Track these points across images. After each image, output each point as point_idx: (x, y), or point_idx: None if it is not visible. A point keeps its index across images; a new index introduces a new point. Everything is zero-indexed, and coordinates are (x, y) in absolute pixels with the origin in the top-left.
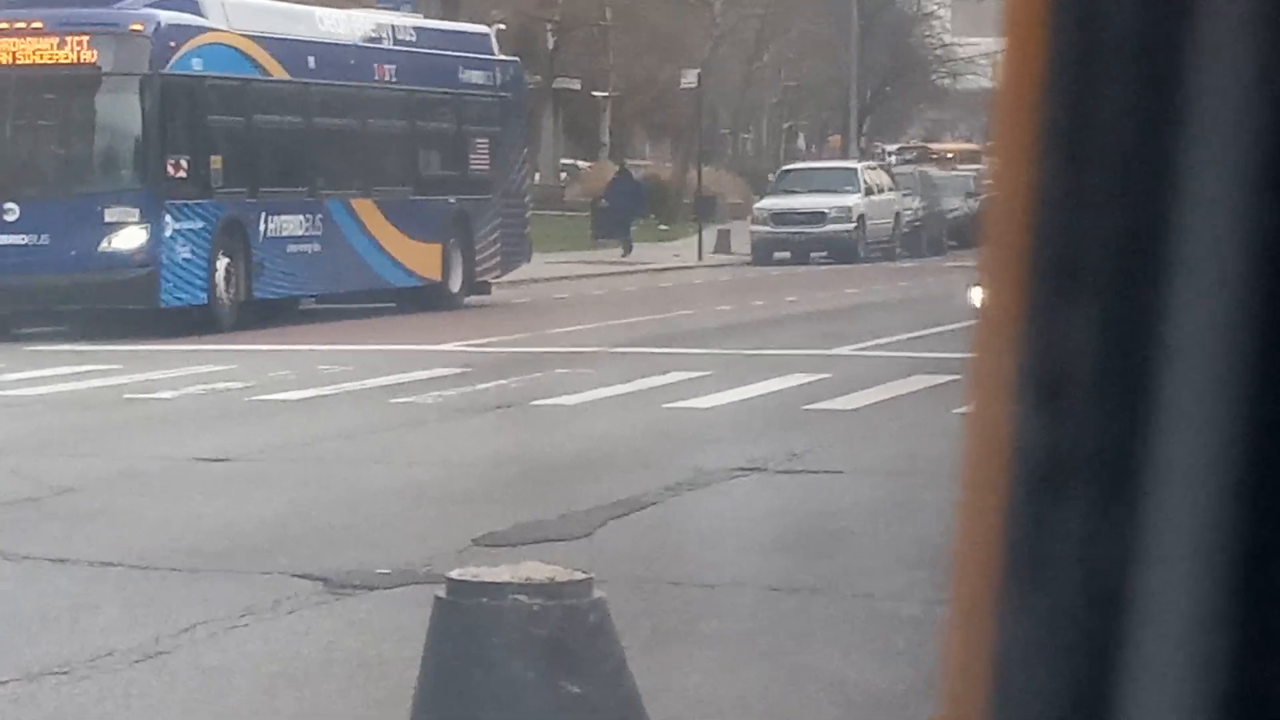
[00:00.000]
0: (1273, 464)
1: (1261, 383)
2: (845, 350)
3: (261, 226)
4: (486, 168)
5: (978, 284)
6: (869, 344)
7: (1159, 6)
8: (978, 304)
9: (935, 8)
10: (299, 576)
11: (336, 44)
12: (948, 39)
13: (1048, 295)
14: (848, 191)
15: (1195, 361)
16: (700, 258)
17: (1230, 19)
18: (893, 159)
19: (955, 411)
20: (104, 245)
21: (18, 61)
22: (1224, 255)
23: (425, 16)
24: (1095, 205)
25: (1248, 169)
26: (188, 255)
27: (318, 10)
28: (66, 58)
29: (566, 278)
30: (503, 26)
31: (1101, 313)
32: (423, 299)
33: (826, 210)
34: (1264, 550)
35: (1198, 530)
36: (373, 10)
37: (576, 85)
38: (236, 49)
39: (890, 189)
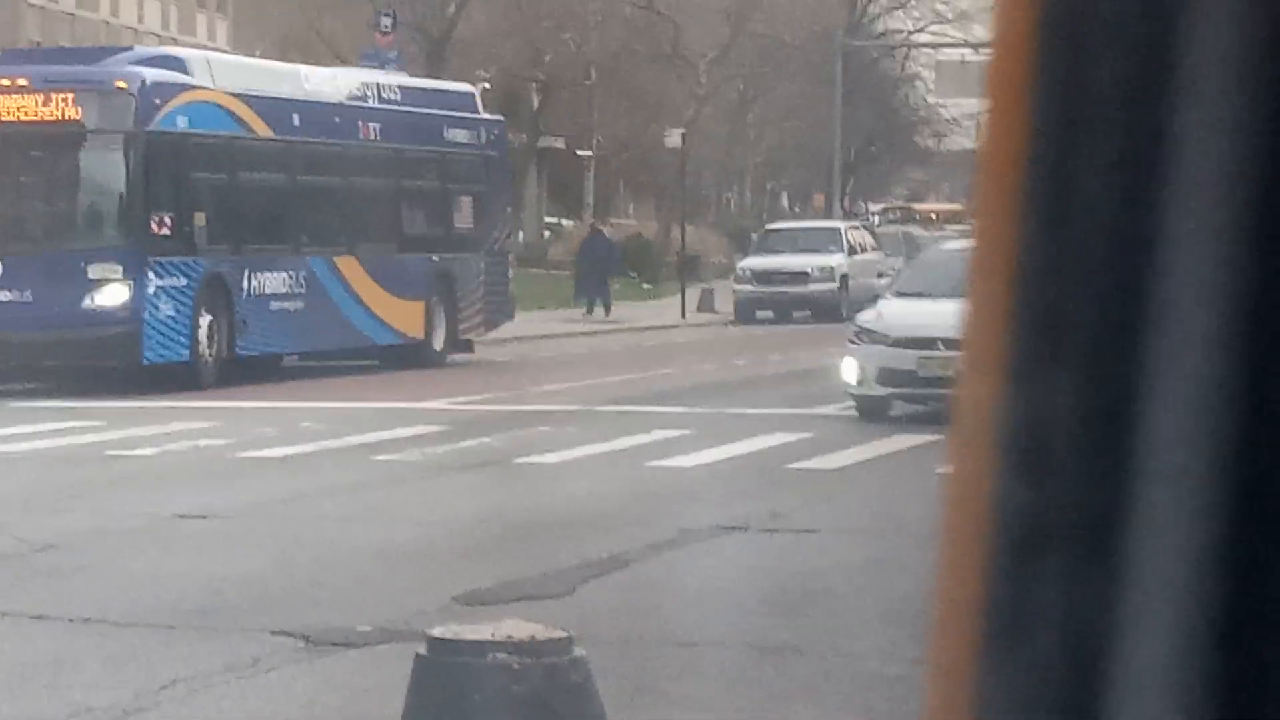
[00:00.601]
0: (1252, 530)
1: (1241, 448)
2: (827, 410)
3: (245, 284)
4: (470, 226)
5: (848, 356)
6: (851, 404)
7: (1140, 73)
8: (850, 381)
9: (919, 69)
10: (280, 634)
11: (321, 102)
12: (931, 100)
13: (1029, 358)
14: (831, 251)
15: (1176, 426)
16: (683, 316)
17: (1211, 87)
18: (876, 219)
19: (936, 471)
20: (87, 302)
21: (3, 118)
22: (1204, 320)
23: (410, 75)
24: (1076, 269)
25: (1228, 234)
26: (171, 312)
27: (303, 69)
28: (51, 115)
29: (550, 336)
30: (487, 85)
31: (1082, 376)
32: (406, 357)
33: (810, 270)
34: (1243, 615)
35: (1178, 594)
36: (358, 69)
37: (560, 144)
38: (221, 107)
39: (874, 249)
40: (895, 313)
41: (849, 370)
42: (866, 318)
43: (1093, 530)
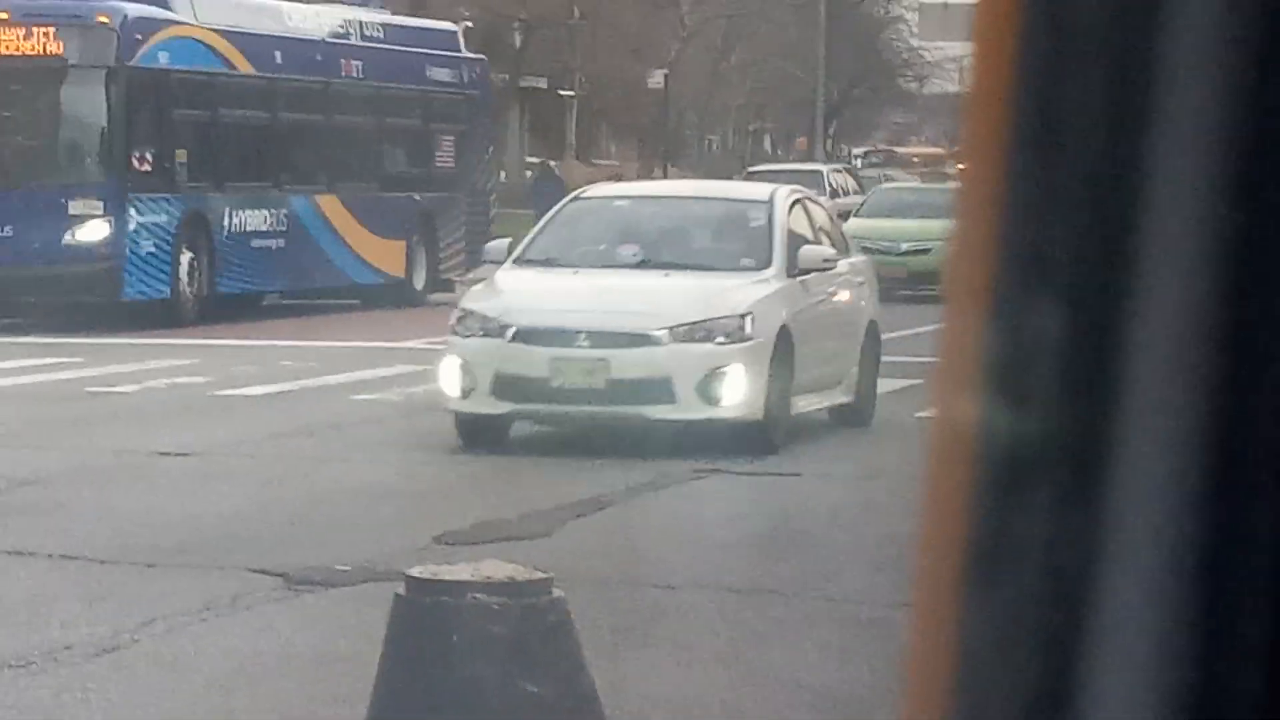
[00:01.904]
0: (1236, 462)
1: (1225, 381)
2: None
3: (226, 221)
4: (452, 165)
5: (448, 353)
6: None
7: (1127, 10)
8: (449, 391)
9: (902, 11)
10: (258, 572)
11: (303, 39)
12: (915, 43)
13: (1013, 294)
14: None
15: (1159, 360)
16: None
17: (1199, 22)
18: (859, 162)
19: (917, 415)
20: (67, 238)
21: None
22: (1189, 254)
23: (393, 13)
24: (1061, 205)
25: (1213, 169)
26: (151, 249)
27: (285, 5)
28: (32, 49)
29: None
30: (470, 24)
31: (1067, 311)
32: (386, 296)
33: None
34: (1226, 548)
35: (1161, 528)
36: (340, 6)
37: (543, 84)
38: (203, 43)
39: (856, 192)
40: (518, 290)
41: (448, 375)
42: (476, 296)
43: (1075, 464)
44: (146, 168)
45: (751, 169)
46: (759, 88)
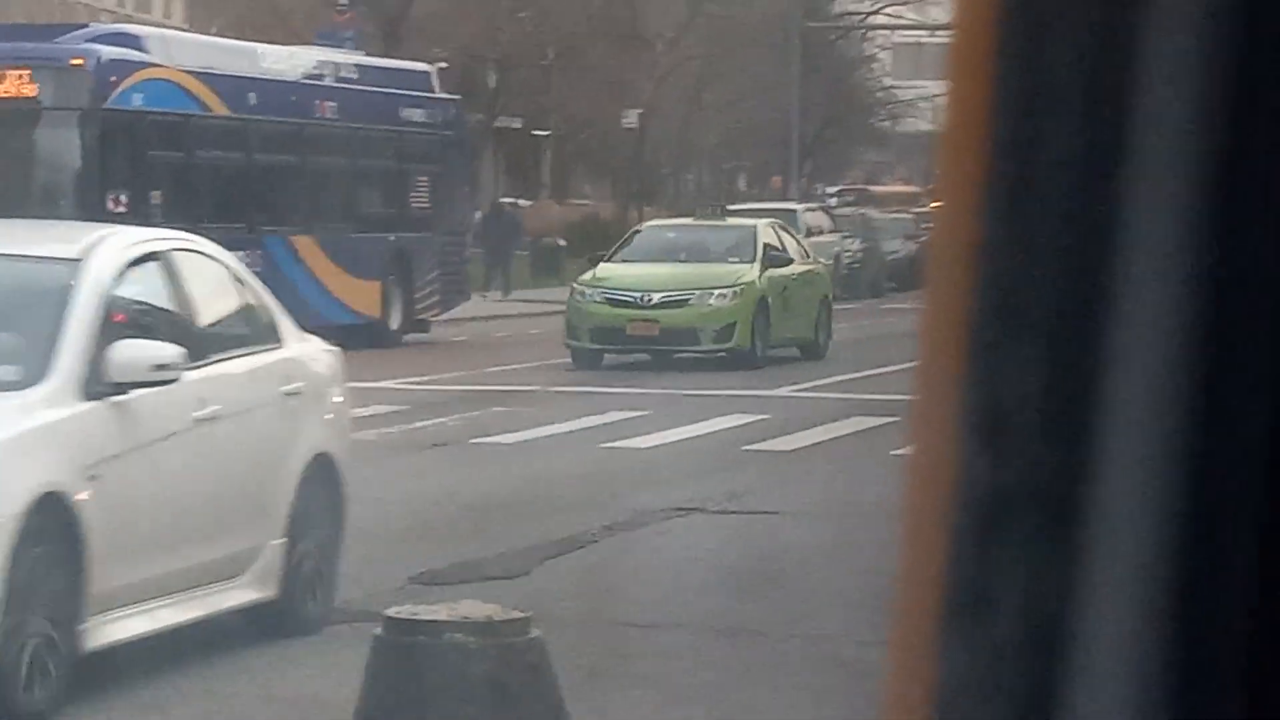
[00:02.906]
0: (1210, 505)
1: (1200, 425)
2: (784, 391)
3: None
4: (427, 205)
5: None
6: (808, 385)
7: (1101, 54)
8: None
9: (876, 51)
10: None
11: (278, 80)
12: (888, 82)
13: (990, 336)
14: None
15: (1134, 405)
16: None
17: (1171, 69)
18: (833, 200)
19: (893, 453)
20: None
21: None
22: (1164, 298)
23: (367, 54)
24: (1036, 250)
25: (1187, 215)
26: None
27: (260, 47)
28: (6, 91)
29: (506, 316)
30: (444, 65)
31: (1043, 353)
32: (362, 336)
33: None
34: (1202, 589)
35: (1137, 572)
36: (314, 48)
37: (518, 124)
38: (178, 84)
39: (830, 230)
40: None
41: None
42: None
43: (1051, 509)
44: (121, 209)
45: (730, 207)
46: (734, 127)
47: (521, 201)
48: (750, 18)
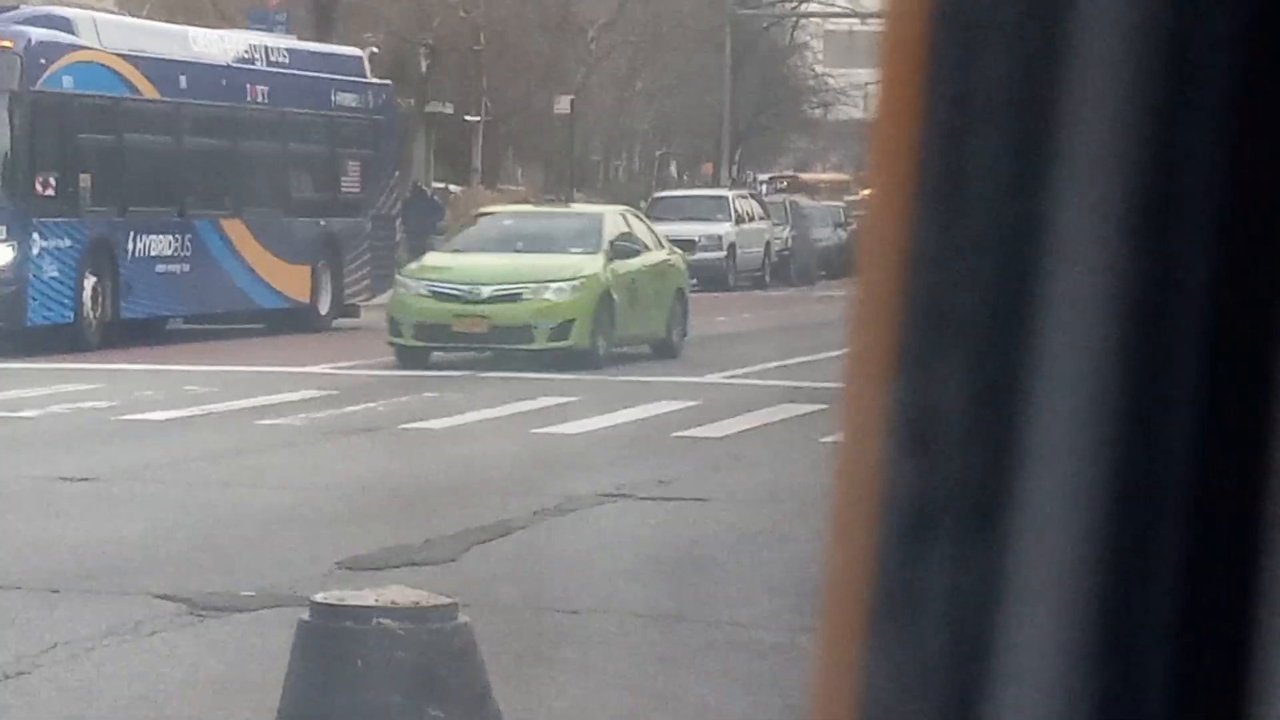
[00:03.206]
0: (1135, 507)
1: (1126, 432)
2: (714, 378)
3: (130, 246)
4: (357, 190)
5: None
6: (738, 372)
7: (1033, 52)
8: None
9: (808, 39)
10: (162, 598)
11: (208, 64)
12: (819, 69)
13: (919, 340)
14: (719, 220)
15: (1060, 411)
16: None
17: (1105, 64)
18: (764, 188)
19: (822, 440)
20: None
21: None
22: (1091, 304)
23: (298, 38)
24: (964, 254)
25: (1117, 218)
26: (55, 274)
27: (190, 30)
28: None
29: None
30: (375, 50)
31: (971, 358)
32: (291, 320)
33: (697, 238)
34: (1128, 591)
35: (1061, 577)
36: (245, 31)
37: (449, 109)
38: (108, 67)
39: (761, 218)
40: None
41: None
42: None
43: (979, 513)
44: (50, 192)
45: (658, 194)
46: (665, 113)
47: (453, 187)
48: (682, 5)
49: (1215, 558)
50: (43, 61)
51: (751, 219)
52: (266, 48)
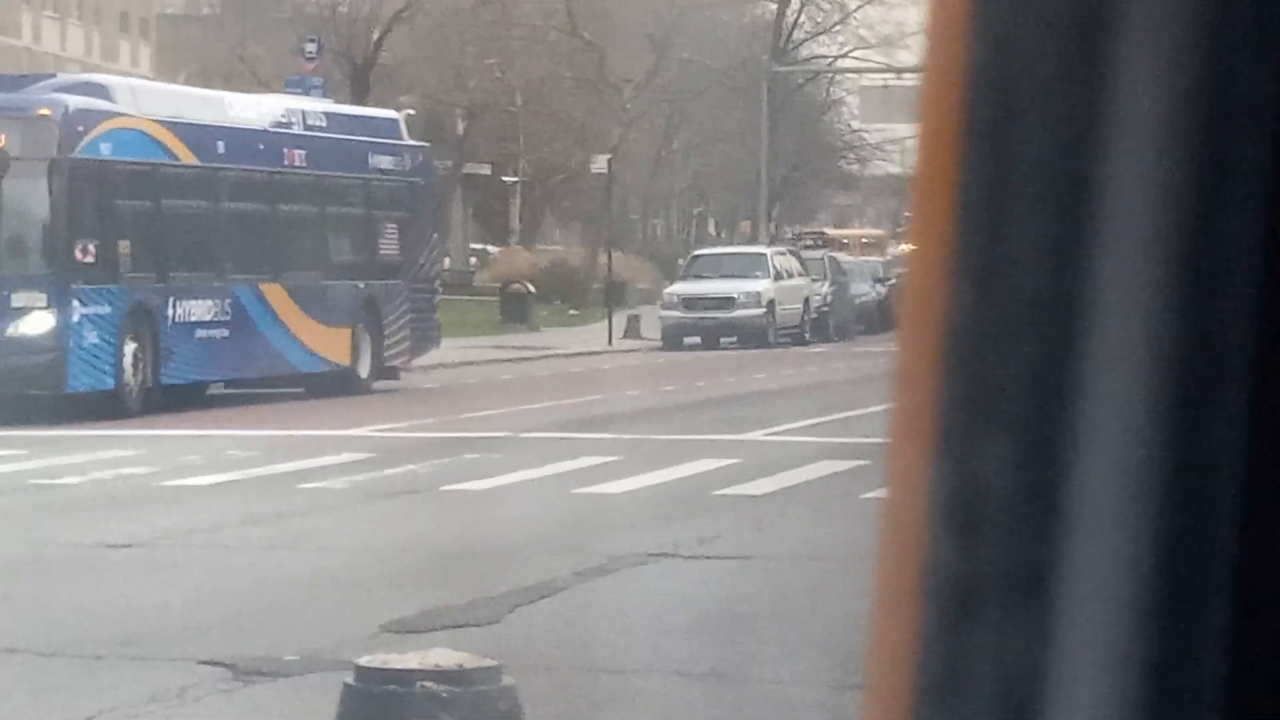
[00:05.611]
0: (1179, 586)
1: (1167, 509)
2: (755, 435)
3: (170, 311)
4: (396, 252)
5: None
6: (778, 429)
7: (1070, 114)
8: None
9: (843, 95)
10: (205, 663)
11: (246, 129)
12: (855, 125)
13: (960, 423)
14: (758, 277)
15: (1103, 488)
16: (610, 343)
17: (1143, 125)
18: (794, 245)
19: (863, 497)
20: (10, 330)
21: None
22: (1132, 385)
23: (335, 101)
24: (1006, 331)
25: (1155, 299)
26: (95, 340)
27: (227, 95)
28: None
29: (475, 363)
30: (412, 112)
31: (1012, 440)
32: (331, 384)
33: (736, 295)
34: (1173, 671)
35: (1106, 654)
36: (282, 95)
37: (486, 170)
38: (145, 134)
39: (800, 274)
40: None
41: None
42: None
43: (1023, 591)
44: (89, 259)
45: (696, 252)
46: (702, 171)
47: (490, 247)
48: (717, 63)
49: (1264, 630)
50: (80, 129)
51: (790, 275)
52: (303, 112)
